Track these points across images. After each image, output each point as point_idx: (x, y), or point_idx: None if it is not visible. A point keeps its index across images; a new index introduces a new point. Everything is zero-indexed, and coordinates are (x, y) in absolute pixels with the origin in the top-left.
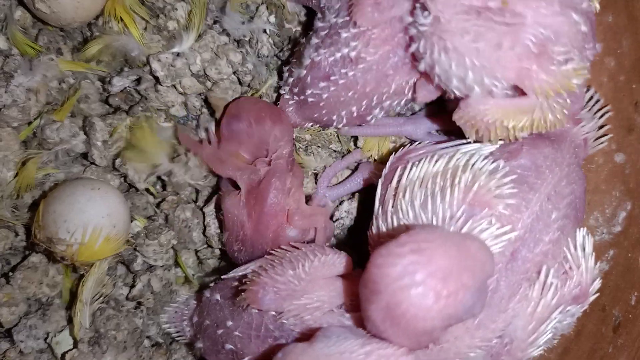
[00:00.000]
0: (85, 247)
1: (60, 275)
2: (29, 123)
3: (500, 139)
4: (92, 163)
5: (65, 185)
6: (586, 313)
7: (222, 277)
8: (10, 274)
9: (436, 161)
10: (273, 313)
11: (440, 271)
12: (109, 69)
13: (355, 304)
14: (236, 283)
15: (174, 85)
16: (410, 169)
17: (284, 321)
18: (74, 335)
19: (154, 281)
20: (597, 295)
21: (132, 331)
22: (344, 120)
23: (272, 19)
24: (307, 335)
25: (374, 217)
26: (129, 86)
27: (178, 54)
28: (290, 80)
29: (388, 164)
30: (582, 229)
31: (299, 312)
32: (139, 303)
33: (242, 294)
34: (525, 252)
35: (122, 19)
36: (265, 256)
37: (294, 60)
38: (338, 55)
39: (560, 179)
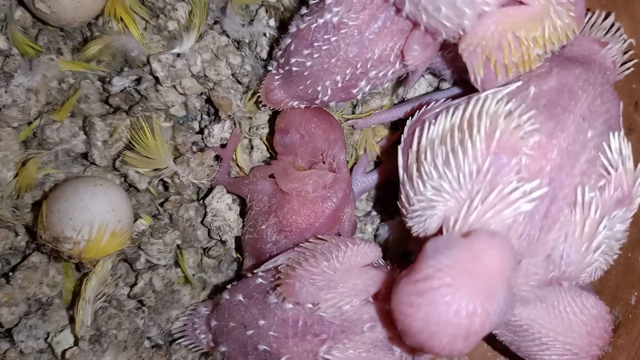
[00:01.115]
0: (92, 244)
1: (60, 275)
2: (29, 123)
3: (516, 64)
4: (92, 163)
5: (67, 184)
6: None
7: (261, 268)
8: (11, 274)
9: (452, 114)
10: (310, 306)
11: (465, 315)
12: (109, 69)
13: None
14: (259, 281)
15: (174, 86)
16: (428, 128)
17: (323, 314)
18: (75, 333)
19: (156, 280)
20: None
21: (133, 331)
22: (329, 92)
23: (272, 22)
24: (348, 327)
25: (400, 185)
26: (129, 86)
27: (178, 55)
28: (279, 54)
29: (406, 128)
30: (616, 133)
31: (336, 301)
32: (140, 302)
33: (278, 288)
34: (563, 177)
35: (122, 19)
36: (295, 249)
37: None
38: (321, 21)
39: (595, 98)
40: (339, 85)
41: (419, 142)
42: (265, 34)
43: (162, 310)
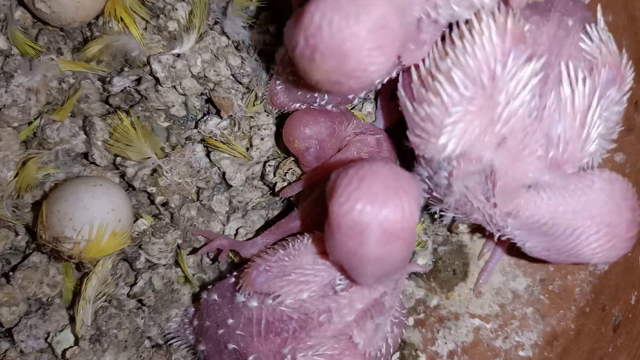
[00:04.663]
0: (92, 244)
1: (60, 275)
2: (29, 123)
3: None
4: (93, 163)
5: (67, 184)
6: (586, 313)
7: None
8: (11, 273)
9: (445, 35)
10: (271, 301)
11: (391, 187)
12: (109, 69)
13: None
14: (232, 280)
15: (174, 86)
16: (424, 61)
17: (283, 308)
18: (75, 332)
19: (156, 279)
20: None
21: (133, 331)
22: (326, 97)
23: (272, 29)
24: (306, 321)
25: (408, 123)
26: (129, 86)
27: (178, 55)
28: (279, 59)
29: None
30: (593, 25)
31: (291, 288)
32: (140, 301)
33: (240, 280)
34: (552, 59)
35: (122, 19)
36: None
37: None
38: None
39: (567, 1)
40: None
41: (418, 72)
42: (265, 41)
43: (162, 310)
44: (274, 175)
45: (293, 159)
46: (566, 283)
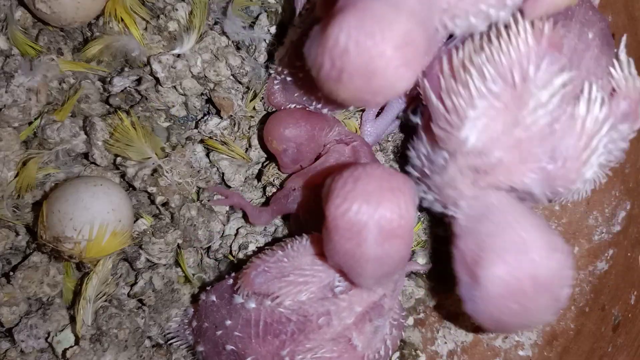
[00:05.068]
0: (92, 244)
1: (61, 275)
2: (30, 123)
3: None
4: (93, 163)
5: (67, 184)
6: (586, 313)
7: None
8: (11, 273)
9: (482, 33)
10: (269, 302)
11: (386, 187)
12: (110, 69)
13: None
14: (230, 281)
15: (174, 87)
16: (458, 50)
17: (282, 310)
18: (75, 332)
19: (156, 279)
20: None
21: (133, 330)
22: (322, 101)
23: (273, 29)
24: (304, 324)
25: (432, 114)
26: (129, 86)
27: (179, 56)
28: (278, 59)
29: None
30: (623, 55)
31: (290, 289)
32: (141, 301)
33: (238, 280)
34: (573, 72)
35: (122, 19)
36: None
37: (282, 41)
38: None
39: (587, 10)
40: None
41: (449, 65)
42: (265, 40)
43: (162, 310)
44: (259, 181)
45: (274, 164)
46: None
